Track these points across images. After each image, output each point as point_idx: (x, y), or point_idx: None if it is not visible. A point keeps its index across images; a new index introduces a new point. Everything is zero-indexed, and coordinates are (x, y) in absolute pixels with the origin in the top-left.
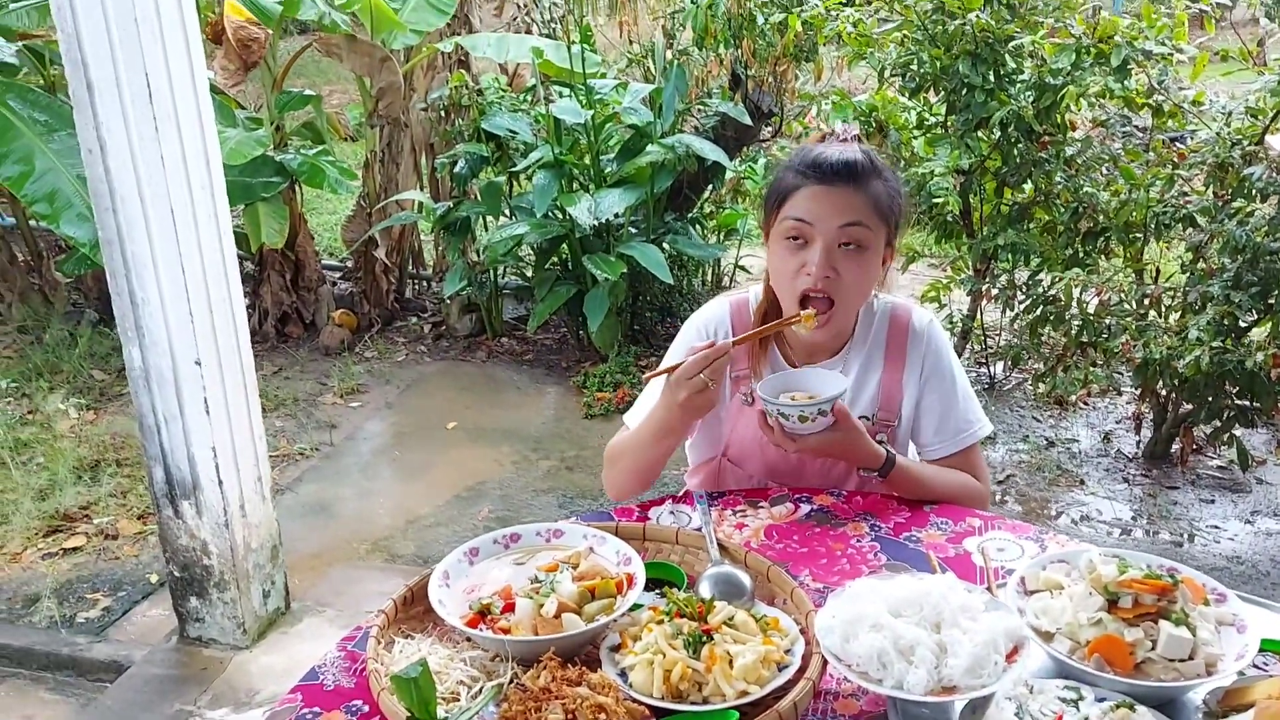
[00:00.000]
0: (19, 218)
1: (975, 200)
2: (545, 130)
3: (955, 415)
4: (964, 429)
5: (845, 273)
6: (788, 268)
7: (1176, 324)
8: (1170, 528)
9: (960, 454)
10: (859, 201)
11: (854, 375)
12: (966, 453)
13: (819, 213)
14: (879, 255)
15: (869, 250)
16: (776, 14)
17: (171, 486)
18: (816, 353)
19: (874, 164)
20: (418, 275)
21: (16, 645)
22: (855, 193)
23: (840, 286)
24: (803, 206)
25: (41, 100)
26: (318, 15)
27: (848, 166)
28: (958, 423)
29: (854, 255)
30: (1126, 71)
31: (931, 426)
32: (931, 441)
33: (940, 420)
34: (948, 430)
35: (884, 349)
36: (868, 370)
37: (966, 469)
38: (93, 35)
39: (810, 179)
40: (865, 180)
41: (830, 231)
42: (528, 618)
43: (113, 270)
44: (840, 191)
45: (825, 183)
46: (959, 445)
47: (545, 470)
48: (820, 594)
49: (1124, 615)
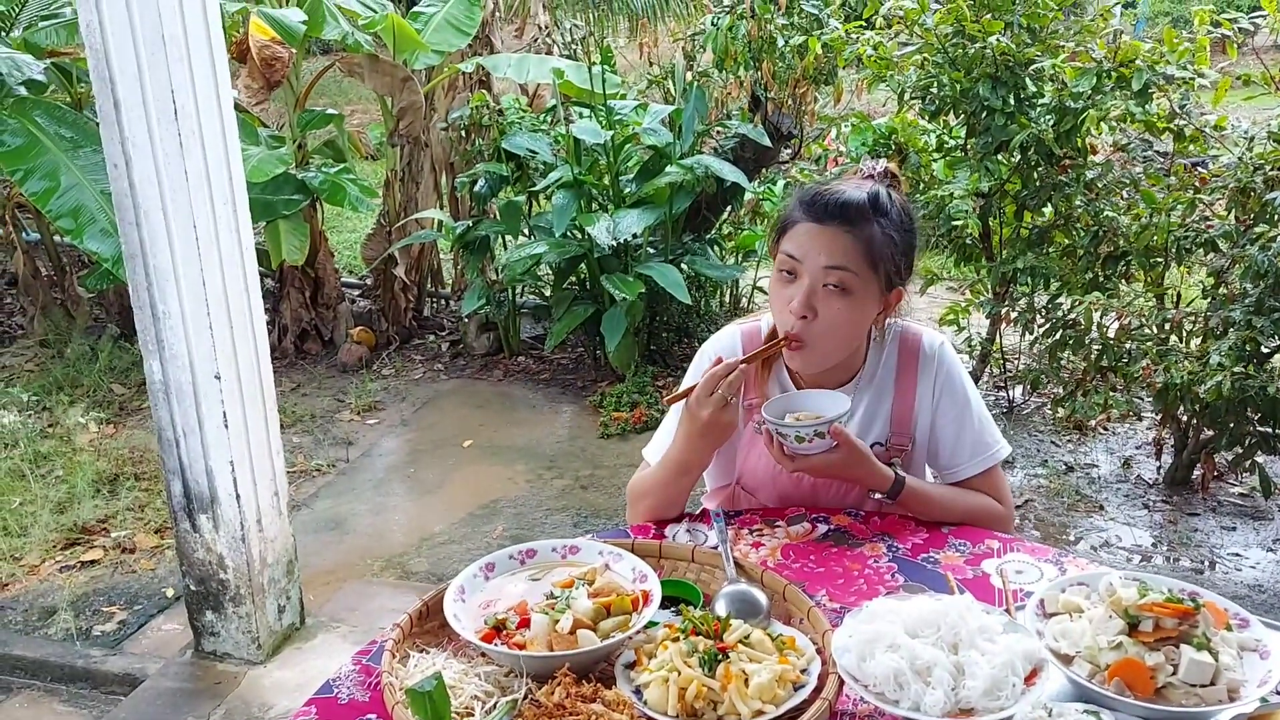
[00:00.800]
0: (43, 233)
1: (995, 223)
2: (565, 150)
3: (971, 437)
4: (981, 451)
5: (824, 314)
6: (778, 304)
7: (1198, 349)
8: (1191, 555)
9: (979, 477)
10: (848, 244)
11: (865, 403)
12: (986, 475)
13: (807, 251)
14: (867, 302)
15: (854, 295)
16: (796, 37)
17: (189, 500)
18: (825, 383)
19: (877, 206)
20: (436, 293)
21: (32, 657)
22: (846, 235)
23: (813, 328)
24: (795, 242)
25: (68, 117)
26: (341, 35)
27: (842, 208)
28: (974, 445)
29: (837, 297)
30: (1148, 96)
31: (948, 449)
32: (949, 464)
33: (955, 443)
34: (964, 453)
35: (895, 374)
36: (879, 397)
37: (987, 491)
38: (121, 53)
39: (807, 216)
40: (859, 224)
41: (815, 271)
42: (543, 633)
43: (135, 284)
44: (832, 233)
45: (818, 221)
46: (977, 468)
47: (560, 489)
48: (837, 614)
49: (1145, 639)
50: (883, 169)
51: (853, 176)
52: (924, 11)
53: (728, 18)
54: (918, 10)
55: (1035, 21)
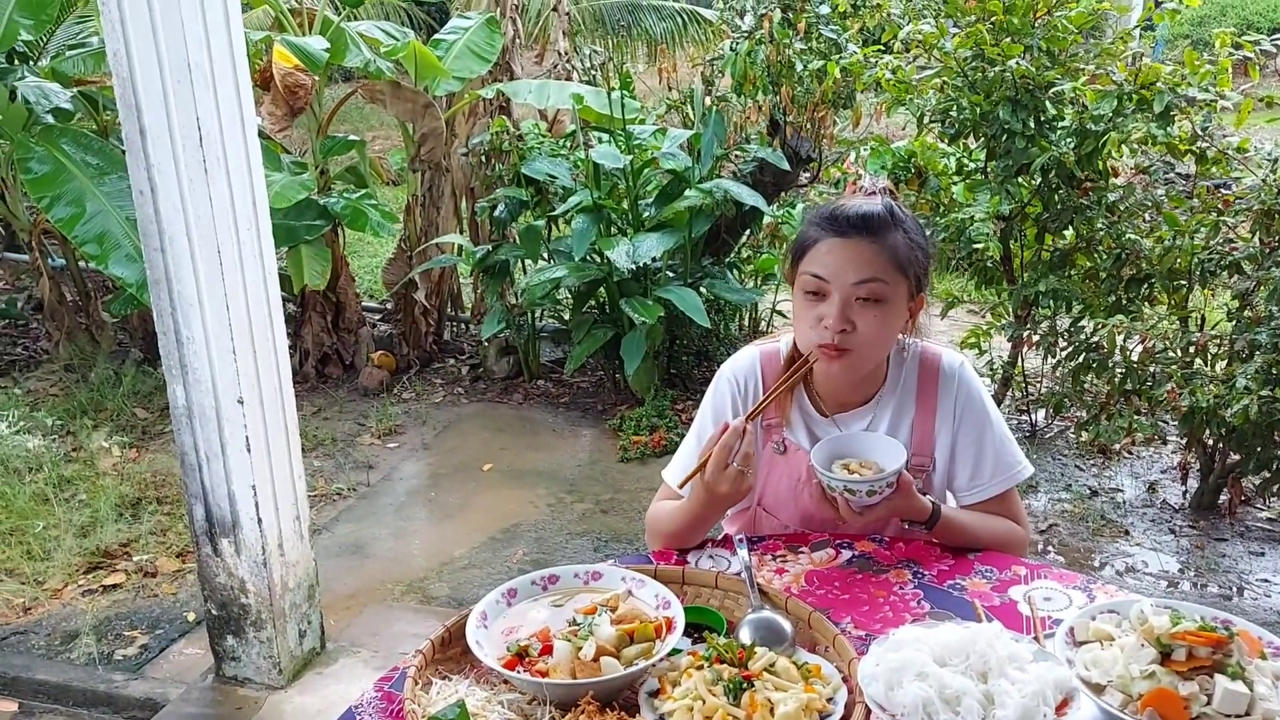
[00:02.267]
0: (68, 258)
1: (1015, 246)
2: (584, 175)
3: (992, 458)
4: (1002, 472)
5: (862, 325)
6: (806, 322)
7: (1223, 372)
8: (1219, 580)
9: (999, 497)
10: (876, 255)
11: (887, 421)
12: (1005, 496)
13: (835, 267)
14: (899, 307)
15: (887, 303)
16: (815, 61)
17: (211, 524)
18: (848, 401)
19: (894, 216)
20: (456, 318)
21: (55, 681)
22: (871, 245)
23: (855, 339)
24: (819, 261)
25: (94, 144)
26: (363, 63)
27: (864, 220)
28: (995, 465)
29: (871, 308)
30: (1169, 118)
31: (968, 470)
32: (969, 485)
33: (976, 463)
34: (985, 473)
35: (915, 393)
36: (900, 415)
37: (1005, 512)
38: (147, 81)
39: (828, 232)
40: (883, 233)
41: (846, 287)
42: (565, 660)
43: (159, 309)
44: (856, 245)
45: (842, 235)
46: (998, 488)
47: (580, 513)
48: (862, 642)
49: (1178, 668)
50: (883, 185)
51: (855, 194)
52: (943, 35)
53: (746, 43)
54: (937, 34)
55: (1055, 45)
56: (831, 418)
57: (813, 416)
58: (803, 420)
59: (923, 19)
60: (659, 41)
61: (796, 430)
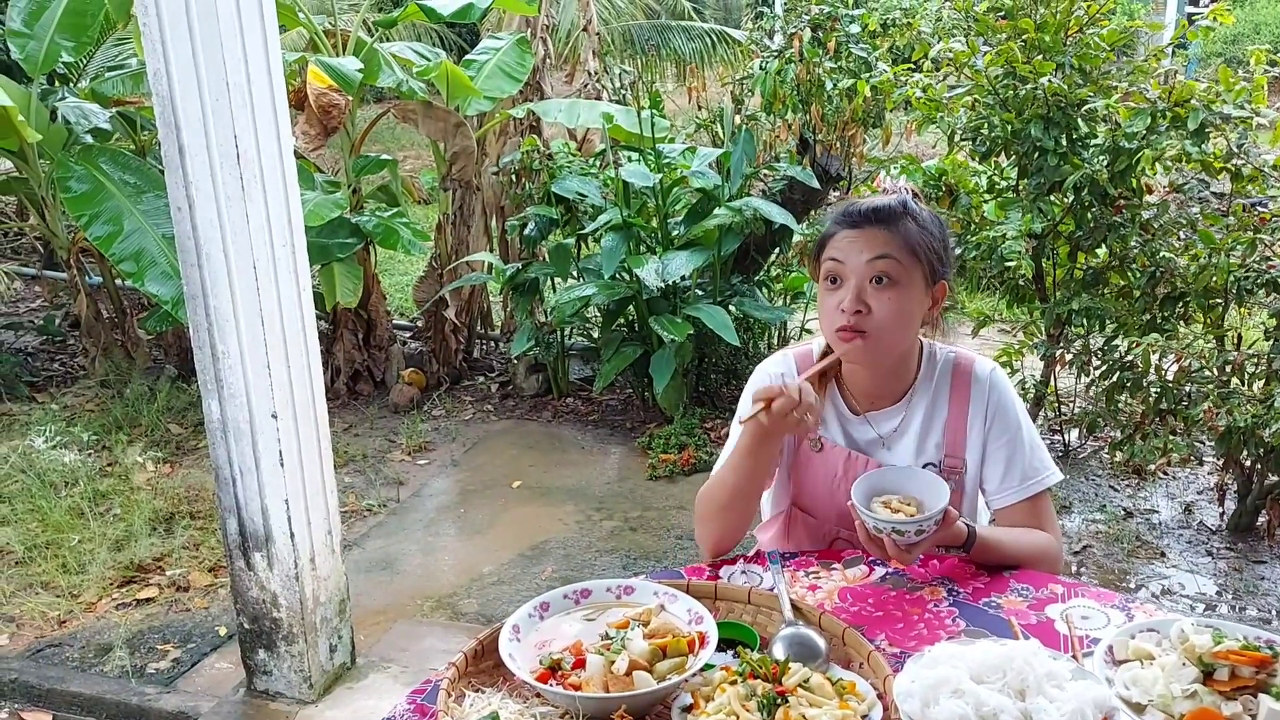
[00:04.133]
0: (106, 276)
1: (1048, 264)
2: (614, 193)
3: (1022, 462)
4: (1031, 476)
5: (877, 307)
6: (826, 310)
7: (1261, 392)
8: (1258, 604)
9: (1028, 501)
10: (887, 237)
11: (919, 421)
12: (1035, 501)
13: (849, 251)
14: (915, 291)
15: (901, 285)
16: (845, 80)
17: (244, 538)
18: (880, 398)
19: (907, 207)
20: (486, 335)
21: (88, 694)
22: (884, 231)
23: (871, 320)
24: (835, 248)
25: (132, 163)
26: (395, 83)
27: (876, 211)
28: (1025, 469)
29: (885, 289)
30: (1204, 135)
31: (998, 474)
32: (999, 489)
33: (1007, 467)
34: (1014, 477)
35: (948, 395)
36: (933, 414)
37: (1035, 517)
38: (186, 100)
39: (843, 224)
40: (895, 221)
41: (860, 267)
42: (598, 674)
43: (195, 324)
44: (869, 231)
45: (856, 226)
46: (1027, 493)
47: (609, 530)
48: (897, 659)
49: (1220, 688)
50: (903, 185)
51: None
52: (974, 54)
53: (776, 61)
54: (968, 53)
55: (1087, 62)
56: (864, 415)
57: (845, 415)
58: (836, 418)
59: (953, 37)
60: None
61: (830, 427)
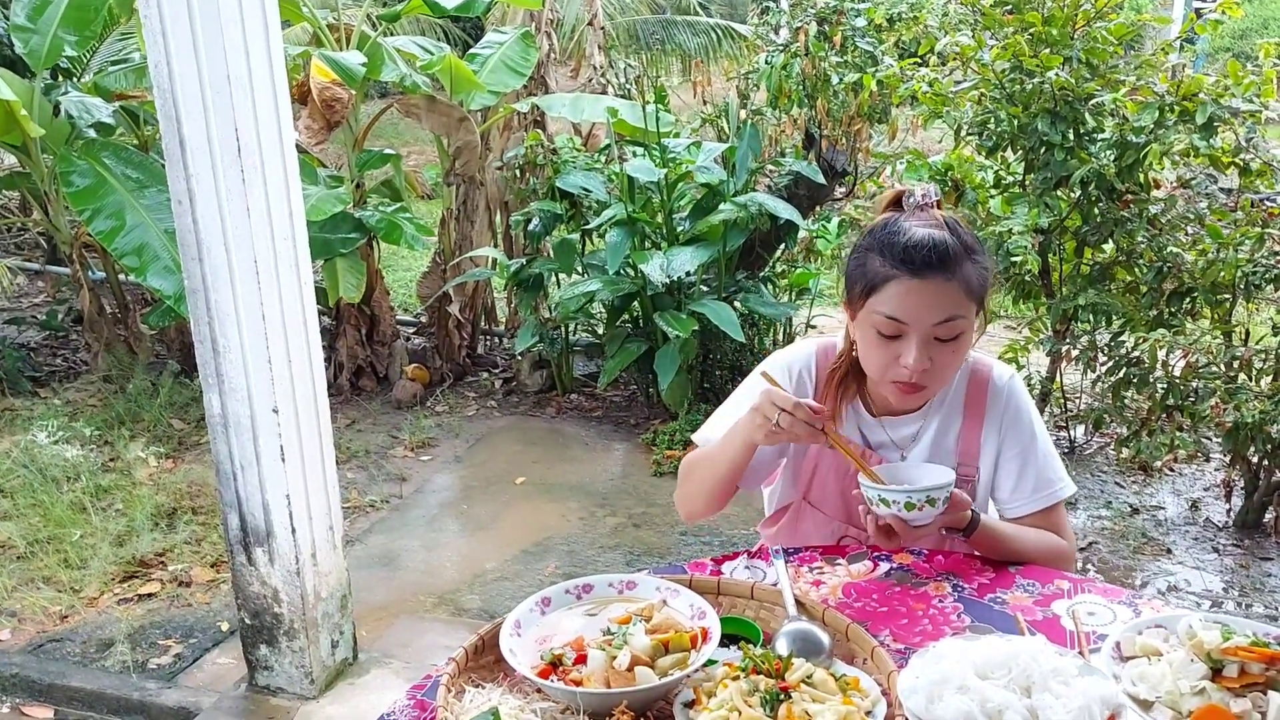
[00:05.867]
0: (108, 271)
1: (1054, 260)
2: (619, 188)
3: (1035, 472)
4: (1045, 487)
5: (939, 360)
6: (879, 358)
7: (1269, 388)
8: (1264, 600)
9: (1042, 513)
10: (952, 292)
11: (934, 428)
12: (1049, 512)
13: (913, 311)
14: (972, 333)
15: (964, 334)
16: (851, 74)
17: (246, 533)
18: (900, 408)
19: (963, 243)
20: (490, 331)
21: (90, 689)
22: (948, 283)
23: (931, 375)
24: (894, 304)
25: (134, 158)
26: (399, 77)
27: (938, 257)
28: (1038, 480)
29: (949, 343)
30: (1213, 129)
31: (1010, 483)
32: (1011, 499)
33: (1019, 477)
34: (1027, 488)
35: (964, 403)
36: (947, 424)
37: (1049, 528)
38: (187, 93)
39: (901, 272)
40: (957, 266)
41: (925, 328)
42: (600, 670)
43: (196, 319)
44: (933, 284)
45: (917, 276)
46: (1040, 504)
47: (612, 527)
48: (901, 655)
49: (1229, 685)
50: (934, 190)
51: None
52: (980, 48)
53: (782, 56)
54: (974, 47)
55: (1095, 56)
56: (880, 420)
57: (863, 416)
58: (853, 418)
59: (959, 31)
60: (693, 56)
61: (846, 426)
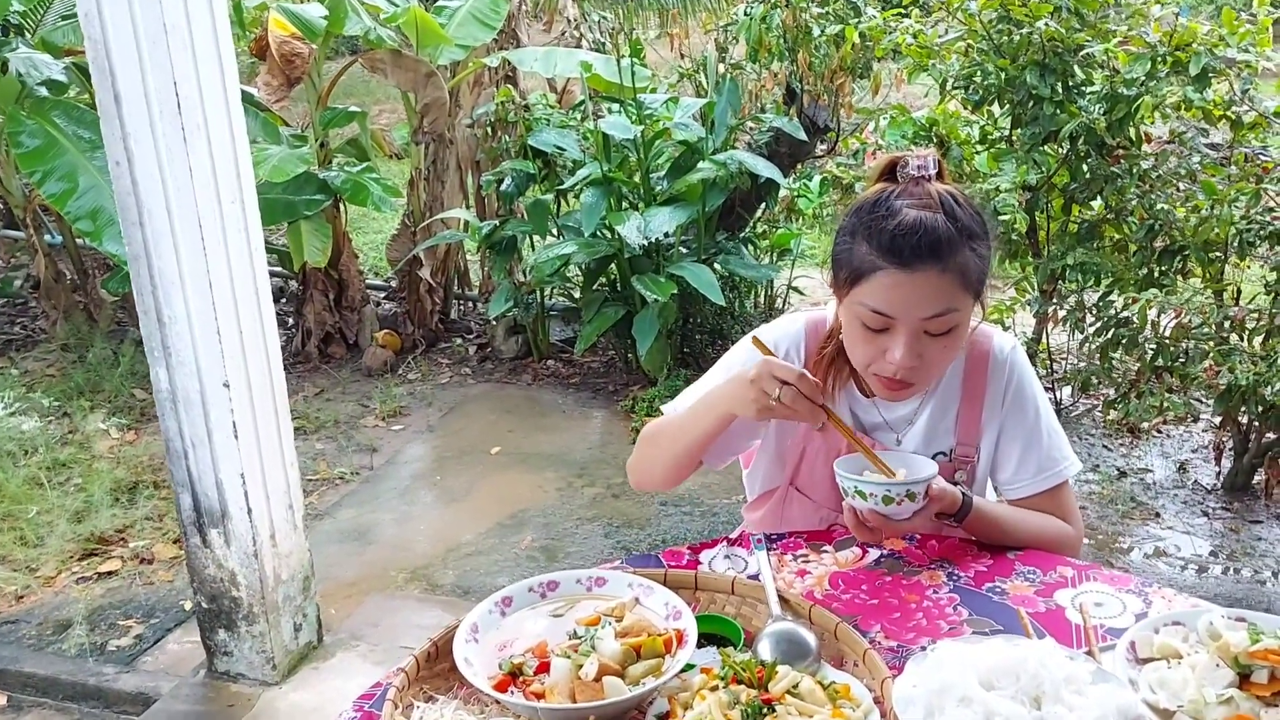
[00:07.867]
0: (65, 235)
1: (1042, 218)
2: (594, 147)
3: (1039, 451)
4: (1048, 467)
5: (929, 355)
6: (864, 352)
7: (1262, 348)
8: (1254, 564)
9: (1046, 494)
10: (945, 284)
11: (931, 409)
12: (1053, 493)
13: (901, 305)
14: (966, 323)
15: (958, 326)
16: (833, 26)
17: (199, 514)
18: None
19: (960, 227)
20: (463, 295)
21: (43, 674)
22: (941, 274)
23: (920, 371)
24: (880, 297)
25: (86, 117)
26: (363, 31)
27: (931, 246)
28: (1041, 460)
29: (941, 337)
30: (1206, 81)
31: (1012, 465)
32: (1013, 479)
33: (1022, 456)
34: (1030, 467)
35: (962, 379)
36: (945, 403)
37: (1053, 510)
38: (120, 43)
39: (890, 262)
40: (951, 255)
41: (914, 323)
42: (564, 680)
43: (139, 287)
44: (923, 276)
45: (906, 268)
46: (1043, 484)
47: (590, 498)
48: (894, 653)
49: (1259, 692)
50: (932, 160)
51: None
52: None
53: (761, 7)
54: None
55: (1085, 5)
56: (874, 400)
57: (855, 396)
58: (845, 398)
59: None
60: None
61: (838, 406)
